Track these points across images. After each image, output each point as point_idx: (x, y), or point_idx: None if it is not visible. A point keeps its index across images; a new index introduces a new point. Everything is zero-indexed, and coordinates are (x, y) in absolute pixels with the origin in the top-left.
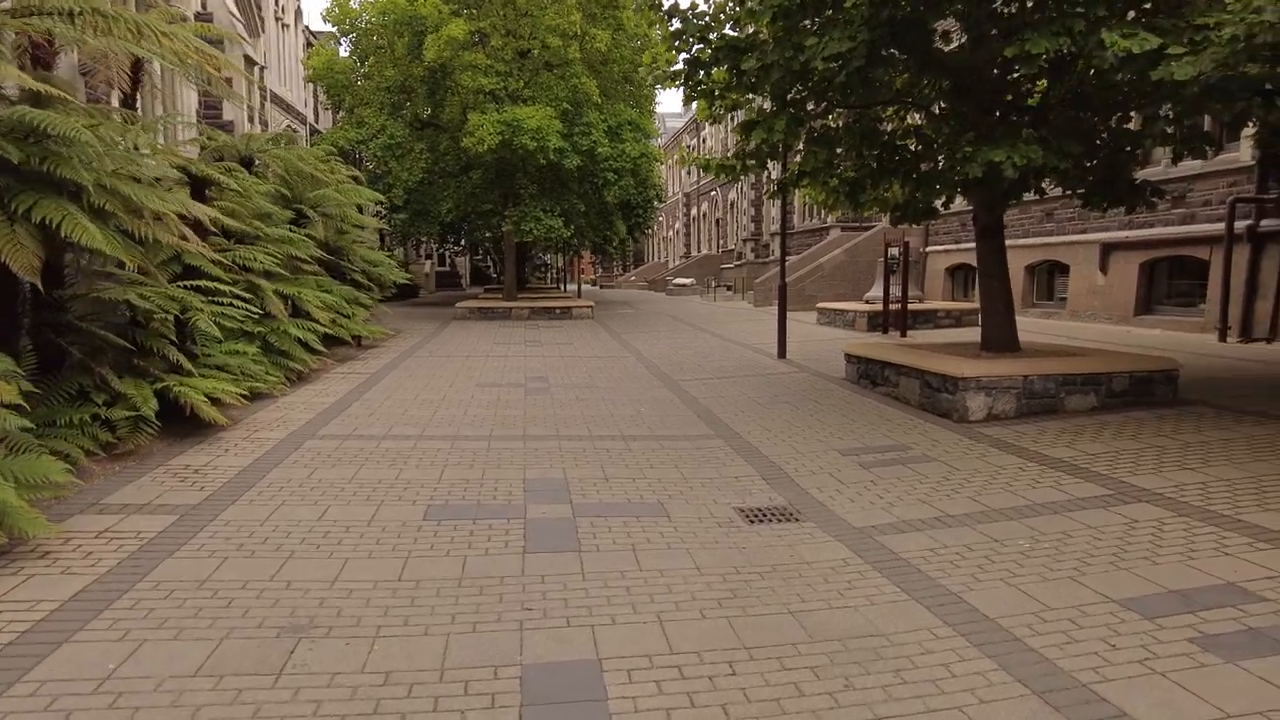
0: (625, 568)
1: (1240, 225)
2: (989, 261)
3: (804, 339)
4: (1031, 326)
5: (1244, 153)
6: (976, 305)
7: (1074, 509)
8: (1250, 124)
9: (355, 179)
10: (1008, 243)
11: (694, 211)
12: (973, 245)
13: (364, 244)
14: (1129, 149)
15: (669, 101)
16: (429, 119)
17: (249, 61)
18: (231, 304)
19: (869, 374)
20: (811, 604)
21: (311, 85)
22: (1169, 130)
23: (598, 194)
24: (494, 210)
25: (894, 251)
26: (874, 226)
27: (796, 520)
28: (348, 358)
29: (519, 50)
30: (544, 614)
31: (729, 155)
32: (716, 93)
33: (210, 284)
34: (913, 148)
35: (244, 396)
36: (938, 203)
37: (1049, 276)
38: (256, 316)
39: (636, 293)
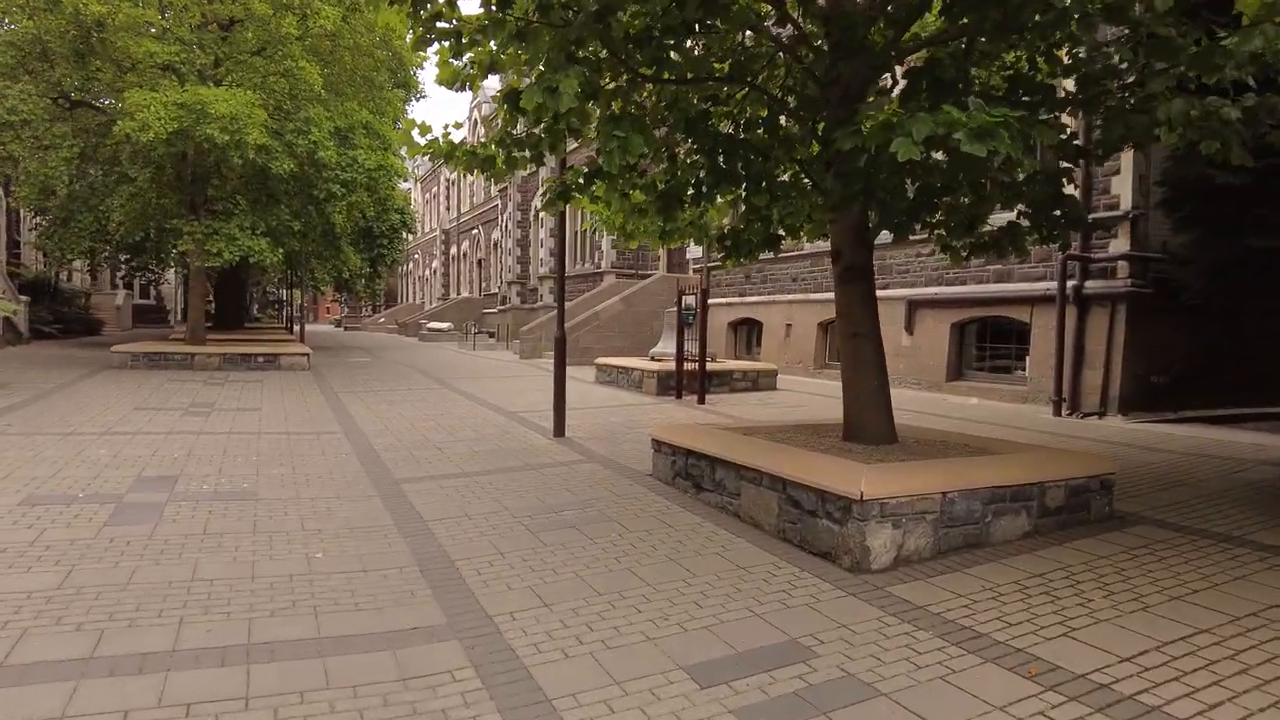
0: None
1: (1055, 286)
2: (857, 316)
3: (585, 404)
4: (831, 391)
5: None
6: (771, 365)
7: None
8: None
9: None
10: (797, 297)
11: (454, 250)
12: (758, 299)
13: None
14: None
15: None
16: (82, 97)
17: None
18: None
19: (690, 473)
20: None
21: None
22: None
23: (321, 211)
24: (182, 227)
25: (689, 300)
26: (652, 274)
27: None
28: None
29: (218, 19)
30: None
31: (486, 141)
32: (465, 38)
33: None
34: (763, 144)
35: None
36: (784, 227)
37: None
38: None
39: (384, 337)
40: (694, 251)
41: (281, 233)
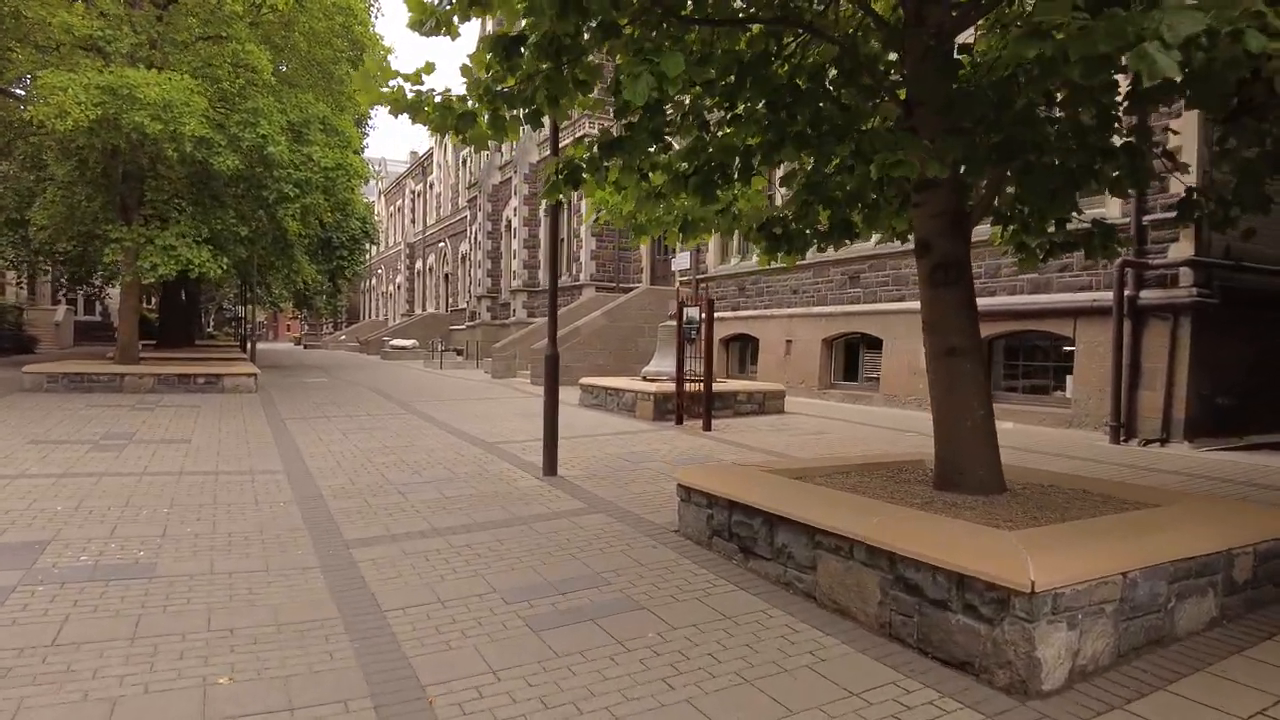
0: None
1: (1103, 296)
2: (953, 326)
3: (573, 432)
4: (843, 414)
5: (1111, 208)
6: (778, 386)
7: None
8: None
9: None
10: (799, 311)
11: (419, 265)
12: (754, 313)
13: None
14: None
15: (389, 147)
16: None
17: None
18: None
19: (736, 532)
20: None
21: None
22: None
23: (271, 215)
24: (111, 233)
25: (691, 313)
26: (635, 287)
27: None
28: None
29: None
30: None
31: (465, 94)
32: None
33: None
34: (839, 95)
35: None
36: (869, 203)
37: (851, 351)
38: None
39: (345, 355)
40: (680, 262)
41: (227, 239)
